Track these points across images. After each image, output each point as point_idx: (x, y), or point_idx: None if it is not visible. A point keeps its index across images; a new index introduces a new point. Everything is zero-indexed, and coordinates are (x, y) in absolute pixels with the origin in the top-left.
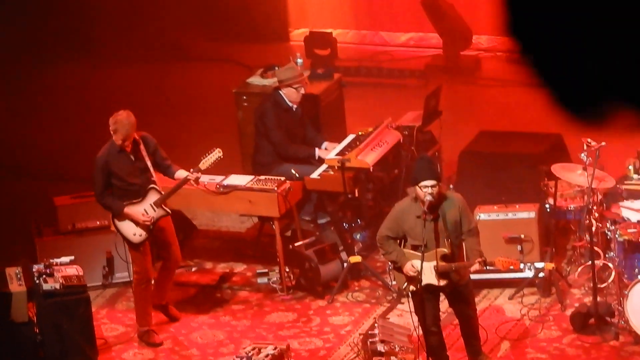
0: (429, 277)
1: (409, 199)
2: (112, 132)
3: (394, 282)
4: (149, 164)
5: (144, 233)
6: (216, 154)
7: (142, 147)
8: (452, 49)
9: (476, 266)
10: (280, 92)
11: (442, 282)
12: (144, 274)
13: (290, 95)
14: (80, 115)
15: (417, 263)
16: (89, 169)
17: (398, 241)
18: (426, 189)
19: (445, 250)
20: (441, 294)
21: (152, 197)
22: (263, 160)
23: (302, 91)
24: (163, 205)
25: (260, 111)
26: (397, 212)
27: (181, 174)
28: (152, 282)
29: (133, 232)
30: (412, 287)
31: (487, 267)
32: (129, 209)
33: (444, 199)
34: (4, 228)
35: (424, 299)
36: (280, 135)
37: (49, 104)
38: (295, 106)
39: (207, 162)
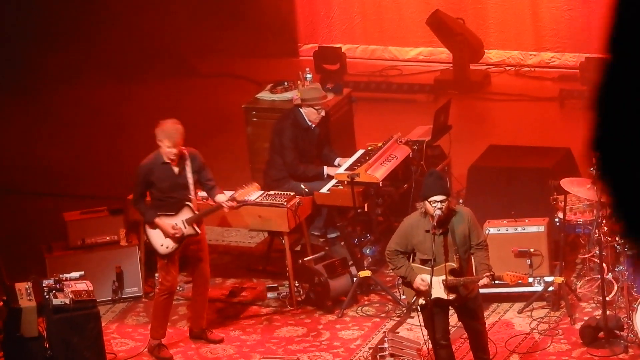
0: (438, 291)
1: (418, 214)
2: (158, 142)
3: (403, 297)
4: (190, 180)
5: (171, 245)
6: (254, 188)
7: (187, 162)
8: (462, 64)
9: (485, 281)
10: (301, 110)
11: (451, 296)
12: (168, 287)
13: (310, 115)
14: (91, 132)
15: (426, 277)
16: (99, 185)
17: (407, 256)
18: (435, 204)
19: (453, 264)
20: (450, 307)
21: (186, 214)
22: (275, 175)
23: (323, 113)
24: (195, 225)
25: (278, 128)
26: (406, 227)
27: (220, 198)
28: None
29: (161, 242)
30: (421, 301)
31: (495, 282)
32: (160, 220)
33: (453, 214)
34: (14, 244)
35: (434, 312)
36: (293, 156)
37: (60, 122)
38: (314, 125)
39: (244, 194)
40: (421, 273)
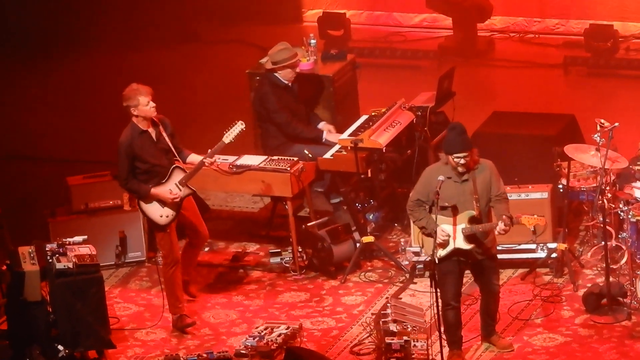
0: (457, 240)
1: (440, 163)
2: (132, 109)
3: (405, 262)
4: (170, 144)
5: (170, 214)
6: (239, 126)
7: (161, 128)
8: (465, 29)
9: (502, 225)
10: (275, 74)
11: (470, 246)
12: (172, 257)
13: (287, 75)
14: (94, 98)
15: (446, 227)
16: (102, 151)
17: (428, 207)
18: (458, 159)
19: (473, 212)
20: (467, 271)
21: (177, 176)
22: (273, 143)
23: (298, 70)
24: (188, 184)
25: (259, 96)
26: (428, 175)
27: (193, 158)
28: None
29: (160, 214)
30: (441, 252)
31: (512, 225)
32: (156, 190)
33: (476, 164)
34: (17, 208)
35: (449, 272)
36: (285, 116)
37: (62, 91)
38: (290, 83)
39: (230, 135)
40: (441, 223)
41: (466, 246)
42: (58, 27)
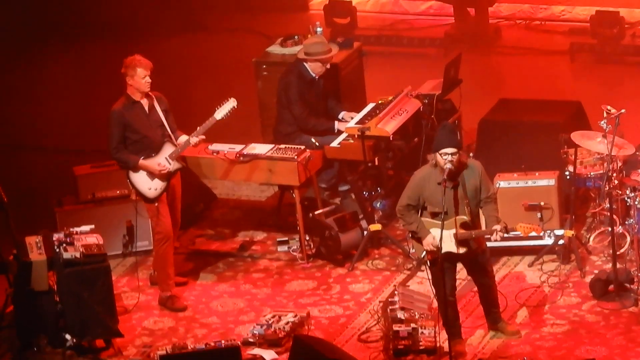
0: (448, 245)
1: (429, 166)
2: (127, 78)
3: (413, 251)
4: (163, 119)
5: (159, 186)
6: (230, 103)
7: (155, 103)
8: (464, 19)
9: (498, 234)
10: (305, 64)
11: (462, 250)
12: (165, 233)
13: (316, 69)
14: (101, 89)
15: (436, 232)
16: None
17: (418, 210)
18: (446, 156)
19: (465, 217)
20: (459, 263)
21: (168, 150)
22: (285, 129)
23: (328, 66)
24: (178, 159)
25: (284, 83)
26: (417, 180)
27: (184, 137)
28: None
29: (148, 186)
30: (430, 256)
31: (509, 234)
32: (145, 161)
33: (464, 167)
34: (24, 198)
35: (443, 268)
36: (301, 109)
37: (69, 80)
38: (317, 77)
39: (221, 111)
40: (432, 227)
41: (457, 250)
42: (64, 16)
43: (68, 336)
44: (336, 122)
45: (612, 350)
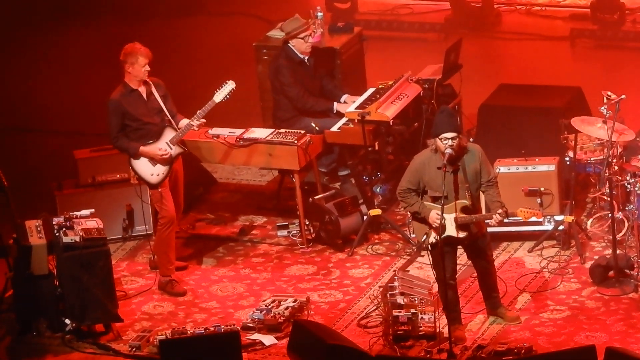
0: (449, 229)
1: (429, 151)
2: (127, 65)
3: (413, 235)
4: (162, 105)
5: (162, 172)
6: (229, 85)
7: (153, 89)
8: (460, 5)
9: (498, 217)
10: (289, 45)
11: (462, 234)
12: (169, 217)
13: (300, 47)
14: (101, 72)
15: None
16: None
17: (418, 194)
18: (446, 141)
19: (465, 202)
20: (459, 247)
21: (168, 135)
22: (284, 115)
23: (310, 40)
24: (179, 144)
25: (274, 68)
26: (417, 164)
27: (184, 121)
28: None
29: (150, 172)
30: (432, 239)
31: (509, 219)
32: (145, 147)
33: (464, 152)
34: (24, 182)
35: (444, 253)
36: (297, 90)
37: (69, 62)
38: (306, 57)
39: (220, 94)
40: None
41: (457, 234)
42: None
43: (67, 320)
44: (335, 103)
45: (612, 336)
